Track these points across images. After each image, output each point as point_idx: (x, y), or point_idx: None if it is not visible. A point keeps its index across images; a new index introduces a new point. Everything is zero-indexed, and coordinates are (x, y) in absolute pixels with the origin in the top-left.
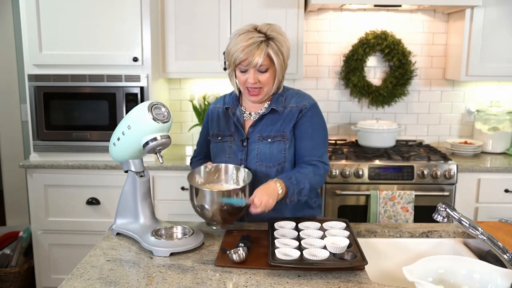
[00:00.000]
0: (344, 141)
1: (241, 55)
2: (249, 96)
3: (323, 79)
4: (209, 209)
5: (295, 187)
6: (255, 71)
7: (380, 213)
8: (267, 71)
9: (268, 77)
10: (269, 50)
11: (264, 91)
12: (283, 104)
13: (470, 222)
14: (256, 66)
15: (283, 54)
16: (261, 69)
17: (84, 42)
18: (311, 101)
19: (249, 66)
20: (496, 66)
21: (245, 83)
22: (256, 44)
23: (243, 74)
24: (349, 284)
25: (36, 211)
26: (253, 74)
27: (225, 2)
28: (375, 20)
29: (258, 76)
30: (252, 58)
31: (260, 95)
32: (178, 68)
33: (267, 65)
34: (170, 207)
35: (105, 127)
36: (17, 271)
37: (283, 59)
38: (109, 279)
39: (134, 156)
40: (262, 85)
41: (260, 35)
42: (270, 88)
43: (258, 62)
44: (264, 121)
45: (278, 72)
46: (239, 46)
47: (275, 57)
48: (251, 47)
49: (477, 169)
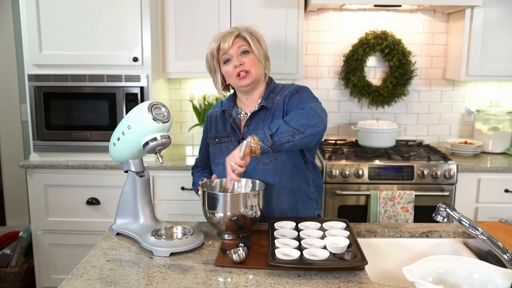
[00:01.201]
0: (344, 141)
1: (213, 44)
2: (240, 81)
3: (323, 79)
4: (223, 214)
5: (267, 130)
6: (237, 54)
7: (380, 213)
8: (248, 53)
9: (251, 59)
10: (240, 32)
11: (252, 74)
12: (273, 100)
13: (470, 222)
14: (229, 47)
15: (259, 41)
16: (241, 49)
17: (84, 42)
18: (293, 88)
19: (225, 51)
20: (496, 66)
21: (233, 72)
22: (227, 33)
23: (228, 64)
24: (349, 284)
25: (36, 211)
26: (236, 56)
27: (225, 2)
28: (375, 20)
29: (242, 57)
30: (223, 42)
31: (249, 78)
32: (178, 68)
33: (246, 47)
34: (170, 207)
35: (105, 127)
36: (17, 271)
37: (260, 46)
38: (109, 279)
39: (134, 156)
40: (248, 67)
41: (232, 29)
42: (258, 72)
43: (231, 42)
44: (256, 119)
45: (257, 54)
46: (213, 41)
47: (250, 40)
48: (223, 35)
49: (477, 169)
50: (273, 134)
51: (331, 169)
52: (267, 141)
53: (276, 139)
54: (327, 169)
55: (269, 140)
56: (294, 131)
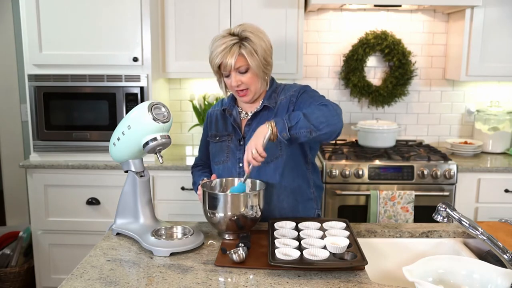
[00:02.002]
0: (344, 141)
1: (216, 60)
2: (239, 98)
3: (323, 79)
4: (223, 214)
5: (286, 121)
6: (235, 73)
7: (380, 213)
8: (247, 72)
9: (250, 77)
10: (241, 51)
11: (251, 91)
12: (275, 100)
13: (470, 222)
14: (231, 68)
15: (257, 53)
16: (240, 70)
17: (84, 42)
18: (298, 87)
19: (226, 69)
20: (496, 66)
21: (232, 87)
22: (228, 47)
23: (228, 78)
24: (349, 284)
25: (36, 211)
26: (234, 76)
27: (225, 2)
28: (375, 20)
29: (240, 77)
30: (226, 61)
31: (248, 95)
32: (178, 68)
33: (245, 66)
34: (170, 207)
35: (105, 127)
36: (17, 271)
37: (259, 58)
38: (109, 279)
39: (134, 156)
40: (247, 86)
41: (233, 38)
42: (257, 87)
43: (232, 64)
44: (258, 119)
45: (257, 71)
46: (214, 53)
47: (249, 57)
48: (224, 51)
49: (477, 169)
50: (291, 127)
51: (331, 169)
52: (285, 133)
53: (293, 132)
54: (327, 169)
55: (286, 133)
56: (313, 127)
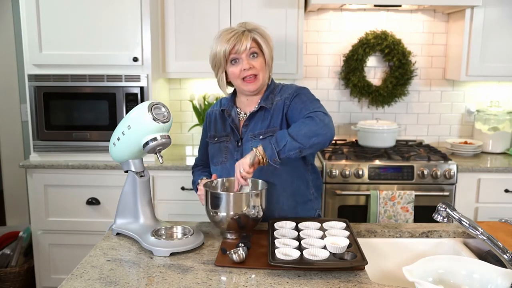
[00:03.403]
0: (344, 141)
1: (227, 45)
2: (246, 86)
3: (323, 79)
4: (226, 213)
5: (274, 146)
6: (247, 56)
7: (380, 213)
8: (257, 56)
9: (261, 62)
10: (254, 35)
11: (260, 78)
12: (272, 101)
13: (470, 222)
14: (246, 50)
15: (268, 42)
16: (252, 52)
17: (84, 42)
18: (293, 89)
19: (239, 53)
20: (496, 66)
21: (239, 74)
22: (240, 32)
23: (235, 65)
24: (349, 284)
25: (36, 211)
26: (246, 59)
27: (225, 2)
28: (375, 20)
29: (251, 61)
30: (240, 44)
31: (256, 83)
32: (178, 68)
33: (256, 50)
34: (170, 207)
35: (105, 127)
36: (17, 271)
37: (270, 48)
38: (109, 279)
39: (134, 156)
40: (257, 71)
41: (241, 28)
42: (265, 75)
43: (247, 46)
44: (255, 119)
45: (267, 59)
46: (224, 39)
47: (262, 42)
48: (236, 35)
49: (477, 169)
50: (280, 151)
51: (331, 169)
52: (275, 158)
53: (283, 156)
54: (327, 169)
55: (276, 158)
56: (302, 147)
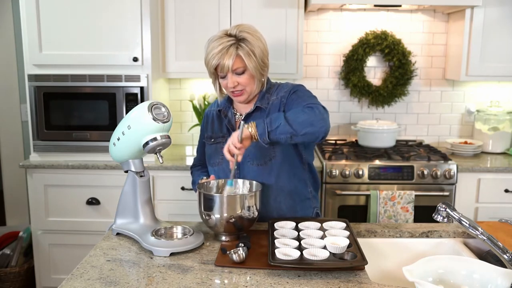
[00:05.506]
0: (344, 141)
1: (213, 61)
2: (234, 98)
3: (323, 79)
4: (219, 215)
5: (267, 125)
6: (232, 74)
7: (380, 213)
8: (244, 73)
9: (246, 78)
10: (239, 52)
11: (247, 91)
12: (268, 100)
13: (470, 222)
14: (229, 69)
15: (255, 54)
16: (237, 71)
17: (84, 42)
18: (289, 87)
19: (223, 71)
20: (496, 66)
21: (228, 88)
22: (225, 48)
23: (224, 79)
24: (349, 284)
25: (36, 211)
26: (230, 77)
27: (225, 2)
28: (375, 20)
29: (236, 78)
30: (223, 62)
31: (243, 95)
32: (178, 68)
33: (242, 67)
34: (170, 207)
35: (105, 127)
36: (17, 271)
37: (257, 59)
38: (109, 279)
39: (134, 156)
40: (243, 87)
41: (230, 39)
42: (253, 87)
43: (229, 65)
44: (250, 120)
45: (254, 72)
46: (211, 54)
47: (246, 59)
48: (221, 52)
49: (477, 169)
50: (271, 131)
51: (331, 169)
52: (264, 138)
53: (273, 137)
54: (327, 169)
55: (266, 138)
56: (294, 133)
